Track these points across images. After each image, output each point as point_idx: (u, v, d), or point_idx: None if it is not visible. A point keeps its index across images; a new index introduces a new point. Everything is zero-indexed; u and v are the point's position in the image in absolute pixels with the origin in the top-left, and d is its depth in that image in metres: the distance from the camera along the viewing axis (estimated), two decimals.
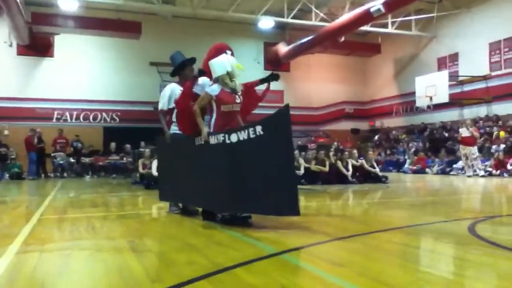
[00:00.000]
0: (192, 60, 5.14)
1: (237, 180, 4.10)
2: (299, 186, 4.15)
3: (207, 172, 4.40)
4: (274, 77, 4.82)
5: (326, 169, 10.60)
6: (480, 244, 3.38)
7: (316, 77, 22.73)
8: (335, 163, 10.81)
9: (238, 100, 4.47)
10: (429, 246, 3.63)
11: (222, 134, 4.19)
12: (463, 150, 13.23)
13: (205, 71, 4.70)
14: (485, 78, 16.96)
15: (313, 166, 10.68)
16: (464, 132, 13.11)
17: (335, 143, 17.60)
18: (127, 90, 18.91)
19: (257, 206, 4.12)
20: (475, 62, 17.43)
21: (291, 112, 3.98)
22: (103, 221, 4.98)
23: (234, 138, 4.10)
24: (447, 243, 3.63)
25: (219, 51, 4.68)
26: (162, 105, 5.15)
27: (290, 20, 18.18)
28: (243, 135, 4.06)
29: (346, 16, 16.83)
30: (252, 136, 4.01)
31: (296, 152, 11.10)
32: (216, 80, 4.47)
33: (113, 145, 16.66)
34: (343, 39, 19.44)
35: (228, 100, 4.38)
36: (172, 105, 5.02)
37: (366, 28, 18.31)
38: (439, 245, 3.57)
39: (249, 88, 4.78)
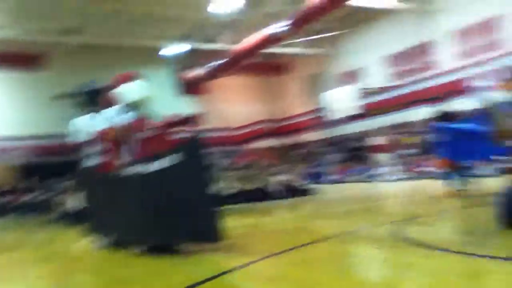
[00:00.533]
0: (107, 88, 4.97)
1: (156, 210, 4.00)
2: (231, 206, 4.19)
3: (125, 204, 4.26)
4: (192, 120, 4.91)
5: (255, 186, 10.69)
6: (405, 246, 3.60)
7: (233, 98, 23.05)
8: (263, 180, 10.95)
9: (154, 126, 4.40)
10: (359, 252, 3.80)
11: (140, 164, 4.09)
12: (376, 157, 14.02)
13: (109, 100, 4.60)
14: (387, 88, 18.20)
15: (242, 185, 10.73)
16: (377, 140, 13.92)
17: (261, 160, 17.86)
18: (35, 124, 17.87)
19: (177, 235, 4.04)
20: (377, 75, 18.69)
21: (214, 134, 4.01)
22: (28, 262, 4.63)
23: (152, 167, 4.01)
24: (376, 248, 3.81)
25: (127, 78, 4.59)
26: (74, 137, 4.95)
27: (200, 45, 18.36)
28: (162, 164, 3.97)
29: (254, 39, 17.30)
30: (169, 164, 3.94)
31: (224, 172, 11.13)
32: (128, 108, 4.38)
33: (31, 181, 15.66)
34: (254, 60, 19.99)
35: (142, 127, 4.31)
36: (86, 137, 4.84)
37: (273, 49, 18.94)
38: (368, 250, 3.74)
39: (164, 126, 4.73)
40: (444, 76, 15.70)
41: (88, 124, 4.86)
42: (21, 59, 16.55)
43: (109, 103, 4.69)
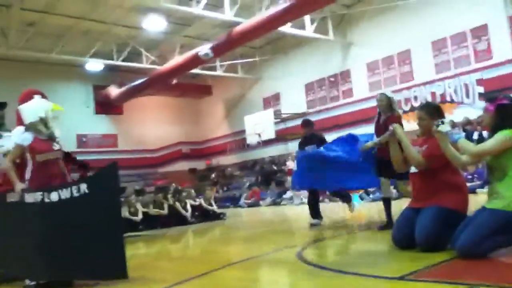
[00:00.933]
0: (2, 105, 4.65)
1: (57, 243, 3.73)
2: (137, 233, 4.05)
3: (21, 234, 3.92)
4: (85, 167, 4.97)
5: (165, 212, 10.47)
6: (309, 268, 3.72)
7: (151, 119, 22.64)
8: (174, 205, 10.75)
9: (56, 147, 4.13)
10: (264, 277, 3.86)
11: (41, 192, 3.77)
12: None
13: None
14: (304, 114, 18.92)
15: (152, 210, 10.44)
16: (291, 164, 14.36)
17: (173, 184, 17.56)
18: None
19: (80, 272, 3.79)
20: (294, 100, 19.36)
21: (125, 156, 3.90)
22: None
23: (54, 196, 3.71)
24: (280, 271, 3.91)
25: (26, 96, 4.31)
26: None
27: (119, 63, 17.92)
28: (65, 194, 3.70)
29: (176, 60, 17.28)
30: (76, 194, 3.67)
31: (133, 197, 10.75)
32: (28, 128, 4.08)
33: None
34: (175, 81, 19.90)
35: (43, 149, 4.02)
36: None
37: (196, 71, 19.03)
38: (273, 275, 3.83)
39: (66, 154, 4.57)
40: (355, 104, 16.70)
41: None
42: None
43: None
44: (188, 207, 10.78)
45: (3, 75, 17.29)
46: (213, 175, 22.02)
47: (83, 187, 3.66)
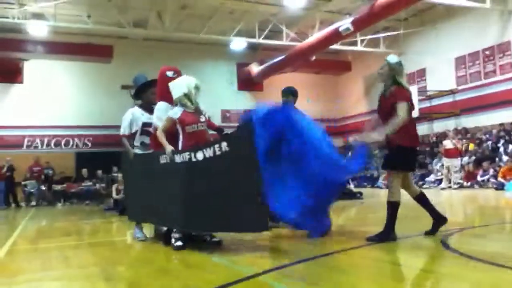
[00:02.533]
0: (154, 82, 5.02)
1: (203, 198, 4.03)
2: None
3: (172, 190, 4.32)
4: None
5: None
6: (453, 257, 3.44)
7: None
8: None
9: (202, 119, 4.44)
10: (403, 261, 3.67)
11: (188, 152, 4.13)
12: (446, 162, 13.34)
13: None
14: (452, 92, 17.44)
15: None
16: (448, 144, 13.27)
17: None
18: (99, 114, 18.61)
19: (224, 224, 4.04)
20: (442, 77, 17.91)
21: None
22: (76, 250, 4.87)
23: (200, 155, 4.05)
24: (420, 257, 3.67)
25: (160, 75, 4.77)
26: (124, 129, 5.07)
27: (261, 41, 18.40)
28: (208, 152, 4.01)
29: (316, 36, 17.15)
30: (218, 153, 3.97)
31: None
32: (176, 103, 4.46)
33: (85, 171, 16.36)
34: (314, 58, 19.78)
35: (191, 121, 4.35)
36: (135, 129, 5.00)
37: (336, 46, 18.67)
38: (413, 259, 3.61)
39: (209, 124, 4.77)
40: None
41: (137, 117, 5.02)
42: (90, 50, 17.34)
43: (160, 96, 4.78)
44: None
45: (161, 55, 19.07)
46: (349, 153, 21.60)
47: (224, 145, 3.95)
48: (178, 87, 4.43)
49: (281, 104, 5.04)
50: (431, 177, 14.60)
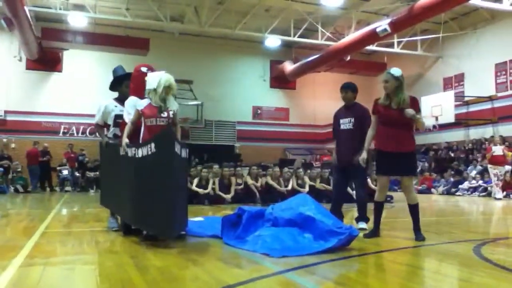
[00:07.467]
0: (129, 76, 5.10)
1: (134, 192, 4.26)
2: None
3: (122, 182, 4.59)
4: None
5: (331, 187, 10.55)
6: (485, 266, 3.35)
7: (322, 95, 22.79)
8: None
9: (164, 115, 4.47)
10: (433, 267, 3.60)
11: (134, 148, 4.30)
12: (493, 169, 12.72)
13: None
14: (491, 98, 16.95)
15: (318, 184, 10.63)
16: (496, 150, 12.65)
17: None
18: None
19: (145, 223, 4.26)
20: (481, 83, 17.45)
21: (296, 130, 3.97)
22: (107, 235, 4.98)
23: (140, 152, 4.21)
24: (451, 264, 3.60)
25: (135, 71, 4.91)
26: (97, 119, 5.33)
27: (296, 39, 18.35)
28: (144, 151, 4.16)
29: (352, 36, 16.97)
30: (149, 152, 4.10)
31: (301, 170, 11.07)
32: (146, 95, 4.58)
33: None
34: (349, 58, 19.59)
35: (150, 114, 4.44)
36: (110, 121, 5.18)
37: (372, 47, 18.43)
38: (443, 266, 3.54)
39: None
40: None
41: (110, 109, 5.23)
42: (128, 42, 17.68)
43: (133, 91, 4.87)
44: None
45: (196, 49, 19.29)
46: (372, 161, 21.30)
47: (152, 145, 4.08)
48: (151, 80, 4.52)
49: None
50: (465, 185, 14.23)
